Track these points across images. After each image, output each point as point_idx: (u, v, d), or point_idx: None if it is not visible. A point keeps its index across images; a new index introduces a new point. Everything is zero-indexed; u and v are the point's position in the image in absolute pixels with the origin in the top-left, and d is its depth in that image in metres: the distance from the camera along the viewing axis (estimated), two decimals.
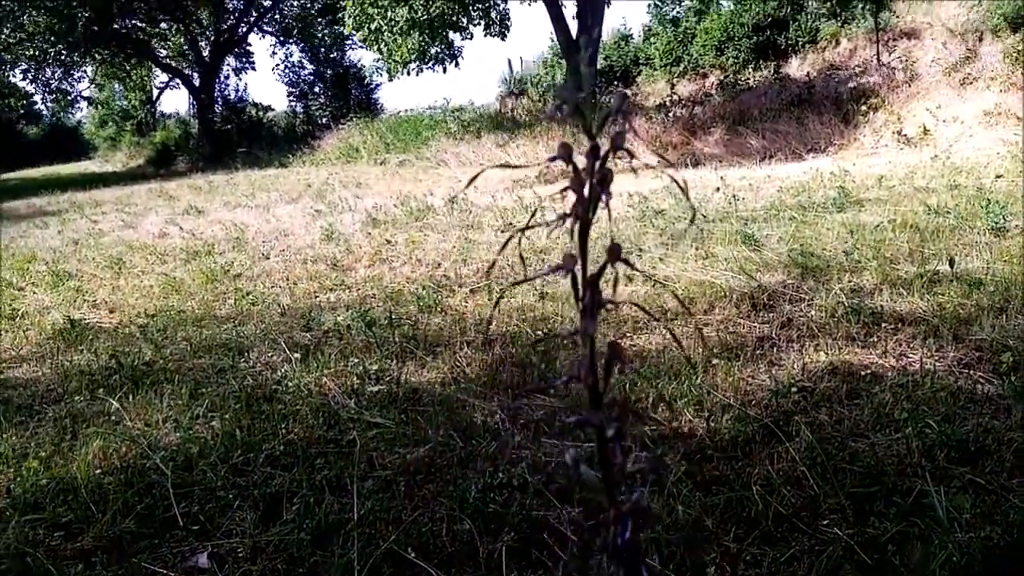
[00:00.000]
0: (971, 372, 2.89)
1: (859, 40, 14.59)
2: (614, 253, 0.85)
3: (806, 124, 12.07)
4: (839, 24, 15.11)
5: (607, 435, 0.90)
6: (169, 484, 2.42)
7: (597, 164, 0.85)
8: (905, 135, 10.75)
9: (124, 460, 2.66)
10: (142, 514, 2.30)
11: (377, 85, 26.01)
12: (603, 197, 0.85)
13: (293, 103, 27.50)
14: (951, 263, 4.00)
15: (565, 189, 0.83)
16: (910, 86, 12.17)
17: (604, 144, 0.87)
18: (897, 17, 13.99)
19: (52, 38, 21.75)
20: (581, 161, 0.87)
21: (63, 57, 24.19)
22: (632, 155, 0.88)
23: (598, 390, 0.87)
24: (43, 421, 3.06)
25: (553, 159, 0.86)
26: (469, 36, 15.80)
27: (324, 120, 23.84)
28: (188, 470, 2.54)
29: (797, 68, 14.67)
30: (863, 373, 2.98)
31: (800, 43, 15.35)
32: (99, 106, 31.95)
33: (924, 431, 2.42)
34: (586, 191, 0.84)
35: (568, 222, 0.85)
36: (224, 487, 2.42)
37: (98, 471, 2.59)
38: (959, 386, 2.77)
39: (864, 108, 11.91)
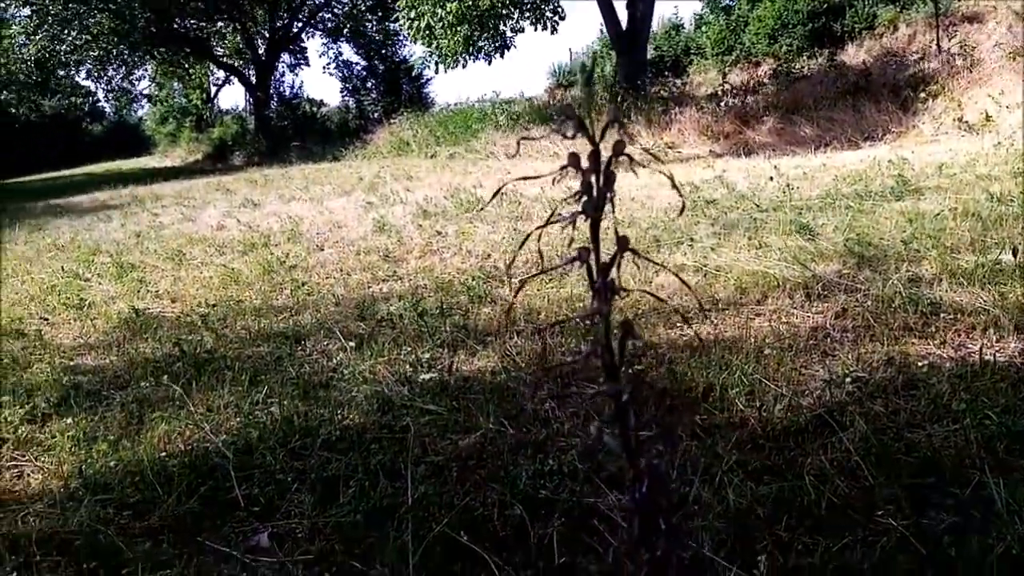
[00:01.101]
0: None
1: (918, 25, 14.17)
2: (623, 243, 1.00)
3: (862, 112, 11.79)
4: (897, 9, 14.70)
5: (622, 402, 1.03)
6: (231, 467, 2.50)
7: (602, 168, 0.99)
8: (966, 122, 10.41)
9: (188, 444, 2.77)
10: (205, 495, 2.39)
11: (428, 79, 26.24)
12: (608, 195, 0.99)
13: (346, 98, 27.93)
14: (1014, 252, 3.88)
15: (577, 192, 0.97)
16: (971, 72, 11.78)
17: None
18: (959, 1, 13.54)
19: (115, 39, 22.44)
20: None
21: (125, 57, 24.94)
22: (631, 159, 1.02)
23: (614, 364, 1.00)
24: (111, 406, 3.19)
25: (564, 167, 1.01)
26: (520, 30, 15.77)
27: (376, 115, 24.13)
28: (248, 454, 2.63)
29: (853, 55, 14.31)
30: (920, 364, 2.92)
31: (857, 29, 14.97)
32: (159, 103, 32.88)
33: (983, 422, 2.37)
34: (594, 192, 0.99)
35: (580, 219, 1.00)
36: (283, 470, 2.50)
37: (163, 454, 2.70)
38: (1020, 377, 2.70)
39: (923, 95, 11.58)
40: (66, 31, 21.27)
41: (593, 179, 0.97)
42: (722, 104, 13.42)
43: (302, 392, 3.09)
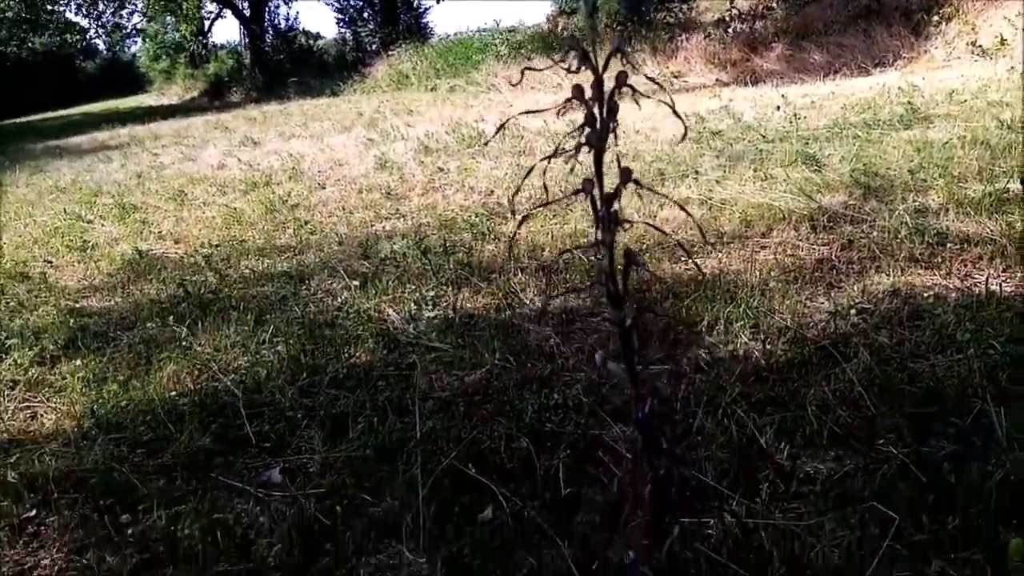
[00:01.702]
0: None
1: None
2: (626, 175, 1.02)
3: (874, 37, 11.49)
4: None
5: (626, 328, 1.04)
6: (240, 405, 2.54)
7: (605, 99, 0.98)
8: (980, 46, 10.15)
9: (197, 383, 2.80)
10: (217, 433, 2.43)
11: (426, 8, 25.62)
12: (611, 126, 1.00)
13: (342, 30, 27.31)
14: (1022, 181, 3.84)
15: (582, 125, 0.96)
16: None
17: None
18: None
19: None
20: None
21: None
22: (635, 90, 1.00)
23: (617, 292, 1.01)
24: (119, 347, 3.22)
25: (569, 100, 1.00)
26: None
27: (373, 47, 23.64)
28: (257, 392, 2.66)
29: None
30: (926, 295, 2.92)
31: None
32: (152, 39, 32.23)
33: (987, 352, 2.38)
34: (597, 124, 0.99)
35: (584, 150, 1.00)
36: (292, 408, 2.53)
37: (173, 393, 2.73)
38: None
39: (936, 18, 11.26)
40: None
41: (596, 110, 0.95)
42: (729, 30, 13.10)
43: (308, 331, 3.11)
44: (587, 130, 0.97)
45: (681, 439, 2.13)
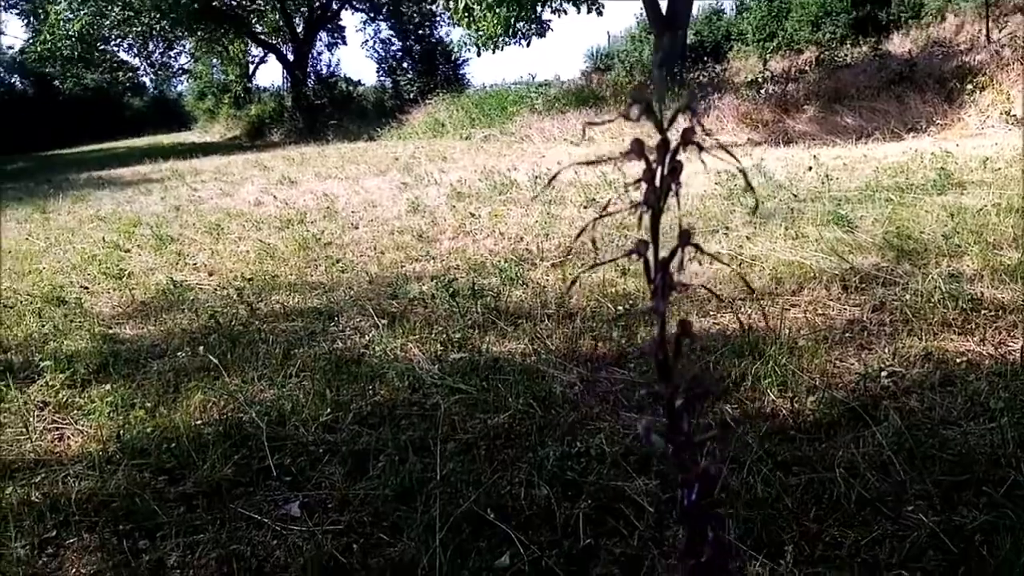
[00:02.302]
0: None
1: (967, 15, 13.83)
2: (685, 237, 0.96)
3: (906, 103, 11.52)
4: None
5: (676, 406, 0.99)
6: (264, 437, 2.55)
7: (668, 157, 0.94)
8: (1014, 115, 10.13)
9: (222, 413, 2.82)
10: (239, 463, 2.44)
11: (464, 61, 26.14)
12: (673, 187, 0.94)
13: (382, 78, 27.95)
14: None
15: (639, 180, 0.93)
16: (1022, 64, 11.44)
17: (677, 134, 0.97)
18: None
19: (156, 15, 22.68)
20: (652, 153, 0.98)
21: (166, 33, 25.20)
22: (701, 148, 0.96)
23: (667, 363, 0.97)
24: (148, 374, 3.26)
25: (627, 154, 0.96)
26: (563, 12, 15.63)
27: (412, 95, 24.12)
28: (281, 425, 2.67)
29: (899, 44, 14.01)
30: (958, 360, 2.88)
31: (903, 18, 14.64)
32: (198, 79, 33.22)
33: (1021, 422, 2.33)
34: (657, 182, 0.95)
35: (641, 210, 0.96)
36: (315, 443, 2.54)
37: (198, 422, 2.76)
38: None
39: (970, 87, 11.27)
40: (110, 7, 21.57)
41: (657, 168, 0.93)
42: (762, 91, 13.20)
43: (334, 367, 3.13)
44: (645, 187, 0.94)
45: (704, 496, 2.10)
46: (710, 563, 1.01)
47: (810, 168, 7.15)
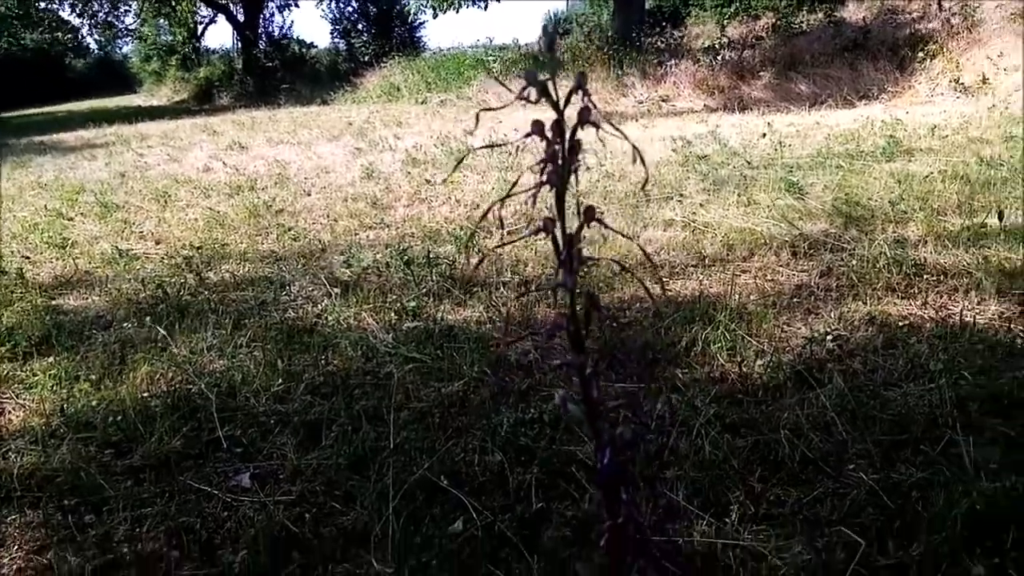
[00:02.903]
0: (1011, 326, 2.85)
1: None
2: (589, 214, 0.98)
3: (859, 70, 11.67)
4: None
5: (586, 375, 1.02)
6: (213, 409, 2.52)
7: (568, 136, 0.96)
8: (963, 84, 10.34)
9: (171, 385, 2.77)
10: (188, 436, 2.41)
11: (421, 23, 25.72)
12: (573, 164, 0.97)
13: (336, 40, 27.36)
14: (1000, 216, 3.90)
15: (542, 161, 0.94)
16: (971, 32, 11.65)
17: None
18: None
19: None
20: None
21: None
22: (597, 126, 0.98)
23: (579, 336, 0.99)
24: (93, 346, 3.19)
25: (528, 135, 0.98)
26: None
27: (366, 58, 23.66)
28: (231, 396, 2.64)
29: (853, 11, 14.11)
30: (901, 324, 2.96)
31: None
32: (144, 41, 32.12)
33: (958, 383, 2.41)
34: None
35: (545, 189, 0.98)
36: (266, 413, 2.51)
37: (145, 394, 2.71)
38: (998, 340, 2.74)
39: (921, 55, 11.46)
40: None
41: (559, 148, 0.94)
42: (719, 57, 13.24)
43: (286, 337, 3.10)
44: (549, 167, 0.95)
45: (654, 459, 2.14)
46: (626, 523, 1.04)
47: (764, 135, 7.23)
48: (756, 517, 1.89)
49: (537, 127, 0.99)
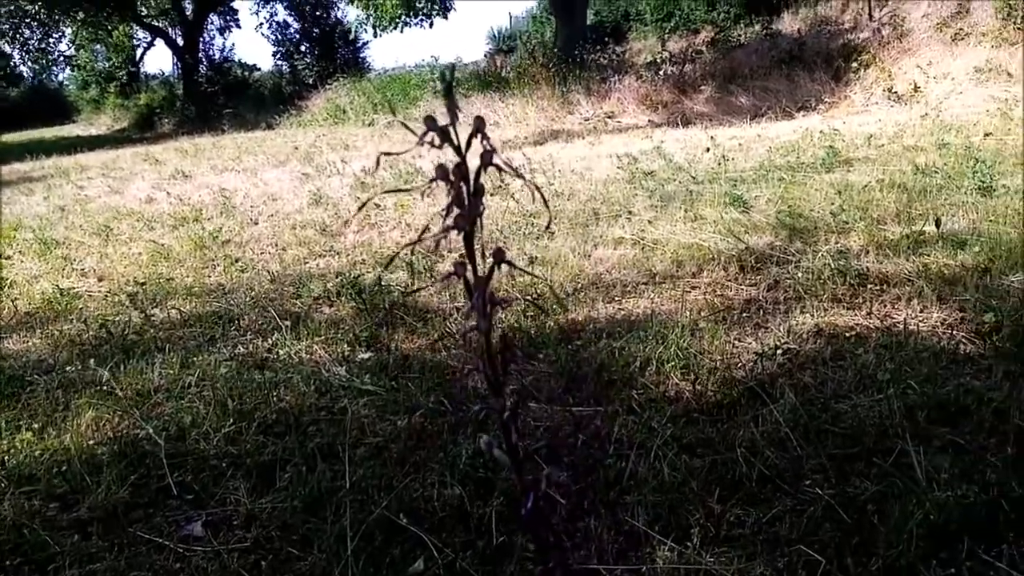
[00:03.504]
0: (954, 333, 2.93)
1: None
2: (498, 256, 0.99)
3: (797, 81, 11.99)
4: None
5: (505, 419, 1.02)
6: (162, 454, 2.44)
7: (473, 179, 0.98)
8: (896, 92, 10.70)
9: (117, 430, 2.69)
10: (136, 484, 2.33)
11: (364, 43, 25.65)
12: (479, 208, 0.98)
13: (280, 62, 27.10)
14: (937, 224, 4.02)
15: (449, 205, 0.94)
16: (901, 42, 12.08)
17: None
18: None
19: None
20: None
21: (41, 16, 23.70)
22: (500, 169, 0.98)
23: (498, 378, 0.99)
24: (35, 392, 3.07)
25: (433, 180, 0.99)
26: None
27: (311, 80, 23.50)
28: (181, 440, 2.57)
29: (788, 24, 14.52)
30: (848, 335, 3.02)
31: None
32: (80, 68, 31.40)
33: (906, 392, 2.47)
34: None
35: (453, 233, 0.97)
36: (217, 456, 2.45)
37: (91, 442, 2.62)
38: (942, 347, 2.81)
39: (855, 65, 11.82)
40: None
41: (464, 191, 0.93)
42: (661, 72, 13.48)
43: (236, 374, 3.03)
44: (455, 211, 0.95)
45: (613, 484, 2.14)
46: (555, 568, 1.03)
47: (708, 149, 7.36)
48: (717, 539, 1.90)
49: (441, 172, 0.99)
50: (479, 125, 0.93)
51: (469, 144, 0.94)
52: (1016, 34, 10.75)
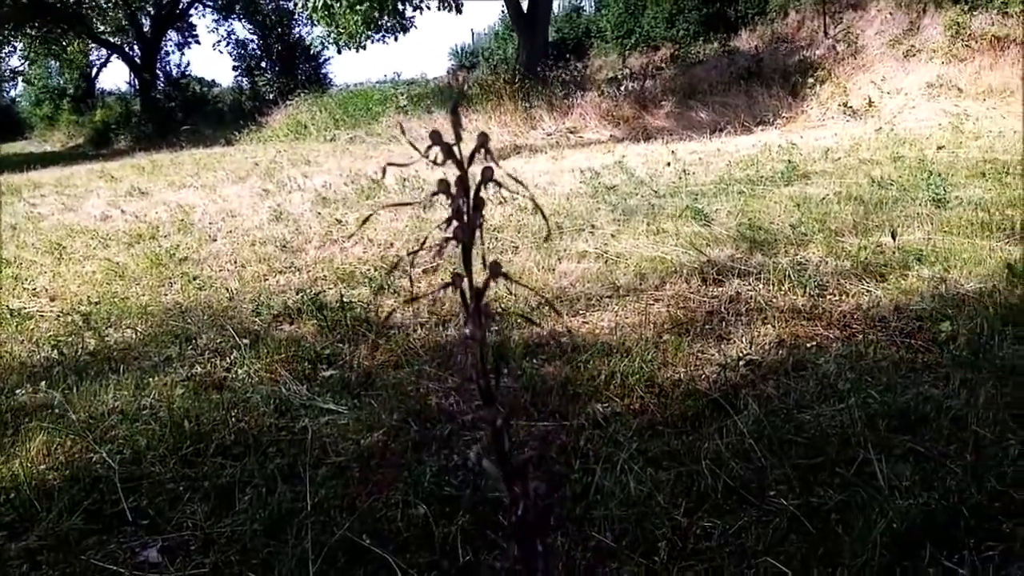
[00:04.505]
0: (912, 342, 2.97)
1: (807, 11, 14.79)
2: (494, 269, 0.99)
3: (755, 97, 12.21)
4: None
5: (498, 429, 1.02)
6: (117, 478, 2.37)
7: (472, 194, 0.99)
8: (851, 107, 10.95)
9: (69, 455, 2.59)
10: (89, 510, 2.25)
11: (326, 59, 25.56)
12: (478, 222, 0.99)
13: (239, 78, 26.89)
14: (893, 235, 4.10)
15: (449, 219, 0.96)
16: (855, 58, 12.38)
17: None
18: None
19: None
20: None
21: None
22: (499, 184, 1.00)
23: (489, 389, 0.99)
24: None
25: (435, 193, 1.00)
26: (421, 8, 15.54)
27: (271, 96, 23.33)
28: (136, 463, 2.49)
29: (746, 40, 14.81)
30: (809, 345, 3.05)
31: (749, 15, 15.49)
32: (33, 83, 30.78)
33: (867, 401, 2.49)
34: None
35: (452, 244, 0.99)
36: (174, 479, 2.38)
37: (42, 467, 2.53)
38: (900, 356, 2.85)
39: (811, 80, 12.09)
40: None
41: (463, 205, 0.94)
42: (622, 88, 13.63)
43: (193, 395, 2.96)
44: (455, 224, 0.96)
45: (580, 499, 2.12)
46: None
47: (668, 164, 7.44)
48: (684, 552, 1.89)
49: (443, 186, 1.00)
50: (482, 141, 0.94)
51: (471, 159, 0.95)
52: (965, 51, 11.09)
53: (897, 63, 11.68)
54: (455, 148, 0.94)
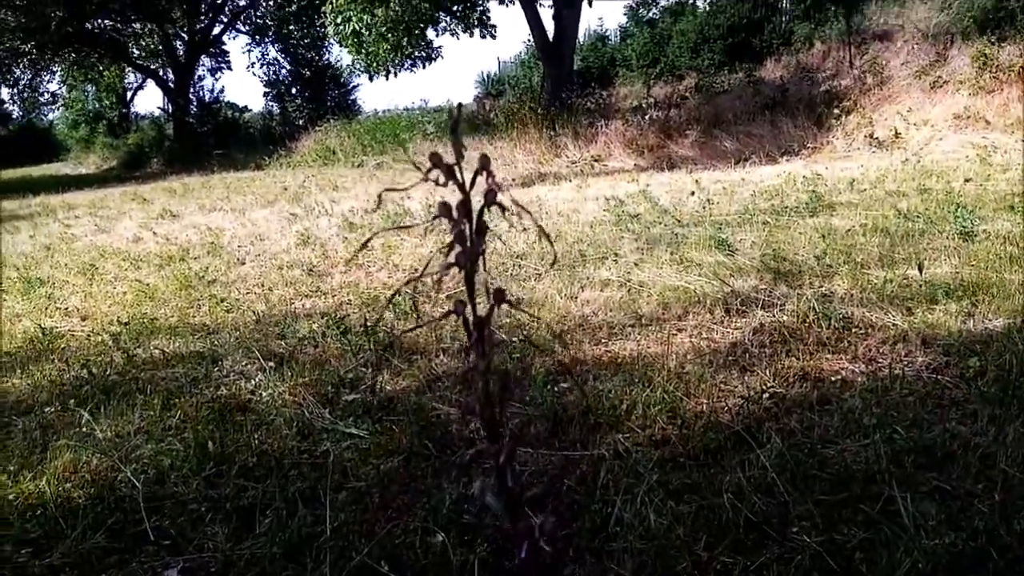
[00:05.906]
0: (939, 377, 2.93)
1: (832, 42, 14.78)
2: (498, 296, 0.97)
3: (780, 127, 12.20)
4: (812, 26, 15.30)
5: (501, 464, 0.99)
6: (140, 498, 2.40)
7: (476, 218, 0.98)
8: (876, 138, 10.89)
9: (95, 473, 2.63)
10: (112, 528, 2.28)
11: (355, 86, 25.98)
12: (481, 248, 0.97)
13: (270, 104, 27.38)
14: (920, 268, 4.06)
15: (451, 243, 0.94)
16: (882, 89, 12.33)
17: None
18: (869, 20, 14.19)
19: (22, 36, 21.43)
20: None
21: (33, 56, 23.87)
22: (504, 208, 0.98)
23: (494, 422, 0.96)
24: (12, 433, 3.02)
25: (436, 217, 0.98)
26: (454, 34, 15.80)
27: (301, 121, 23.69)
28: (160, 483, 2.52)
29: (771, 70, 14.82)
30: (833, 379, 3.02)
31: (774, 45, 15.52)
32: (71, 107, 31.56)
33: (892, 437, 2.46)
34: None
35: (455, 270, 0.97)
36: (196, 500, 2.40)
37: (68, 485, 2.56)
38: (927, 391, 2.82)
39: (836, 111, 12.05)
40: None
41: (466, 230, 0.93)
42: (646, 117, 13.68)
43: (218, 416, 2.99)
44: (457, 249, 0.94)
45: (599, 531, 2.11)
46: None
47: (692, 193, 7.44)
48: None
49: (444, 209, 0.98)
50: (484, 163, 0.93)
51: (473, 182, 0.94)
52: (992, 82, 11.01)
53: (924, 94, 11.62)
54: (455, 169, 0.92)
